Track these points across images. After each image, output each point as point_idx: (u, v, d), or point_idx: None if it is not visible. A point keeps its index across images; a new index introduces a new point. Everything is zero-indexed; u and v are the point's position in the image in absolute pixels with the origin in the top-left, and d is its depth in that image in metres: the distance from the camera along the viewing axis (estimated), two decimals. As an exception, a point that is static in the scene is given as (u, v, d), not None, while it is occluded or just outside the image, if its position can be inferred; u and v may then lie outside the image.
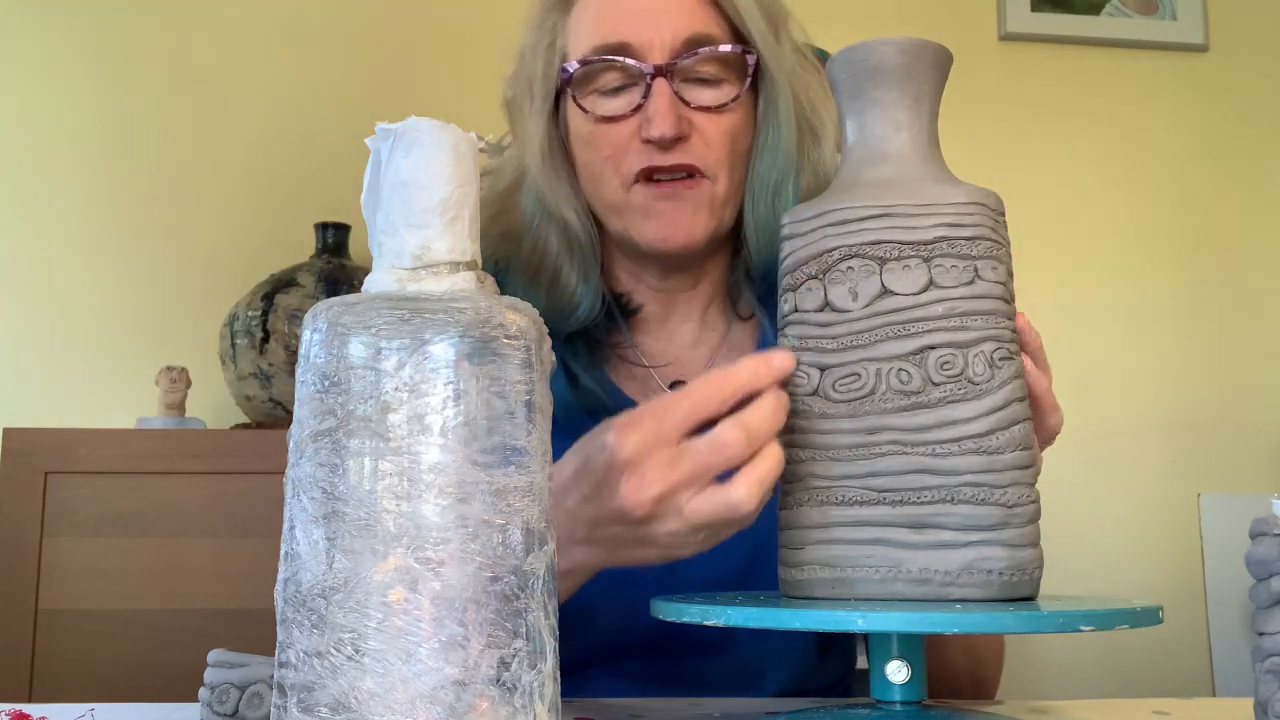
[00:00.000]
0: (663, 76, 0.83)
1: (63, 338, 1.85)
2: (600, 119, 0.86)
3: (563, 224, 0.90)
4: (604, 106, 0.86)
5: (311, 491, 0.41)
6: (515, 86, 0.94)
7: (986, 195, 0.60)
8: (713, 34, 0.85)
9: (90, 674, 1.37)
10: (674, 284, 0.94)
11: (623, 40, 0.84)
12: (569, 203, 0.90)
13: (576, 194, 0.91)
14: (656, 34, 0.84)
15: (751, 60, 0.86)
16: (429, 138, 0.44)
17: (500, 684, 0.40)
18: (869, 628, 0.51)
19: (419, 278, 0.44)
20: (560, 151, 0.91)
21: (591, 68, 0.85)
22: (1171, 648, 1.94)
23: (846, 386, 0.58)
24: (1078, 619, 0.51)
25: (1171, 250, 2.10)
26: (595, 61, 0.85)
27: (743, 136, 0.88)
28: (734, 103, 0.86)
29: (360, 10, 1.99)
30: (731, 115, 0.86)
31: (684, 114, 0.84)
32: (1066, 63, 2.11)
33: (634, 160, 0.85)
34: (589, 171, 0.88)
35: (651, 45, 0.84)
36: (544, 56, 0.90)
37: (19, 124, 1.90)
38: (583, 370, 0.89)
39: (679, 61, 0.84)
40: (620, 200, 0.86)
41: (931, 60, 0.62)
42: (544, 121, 0.90)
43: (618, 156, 0.85)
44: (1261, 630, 0.53)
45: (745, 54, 0.86)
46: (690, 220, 0.86)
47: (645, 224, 0.86)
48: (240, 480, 1.44)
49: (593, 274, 0.91)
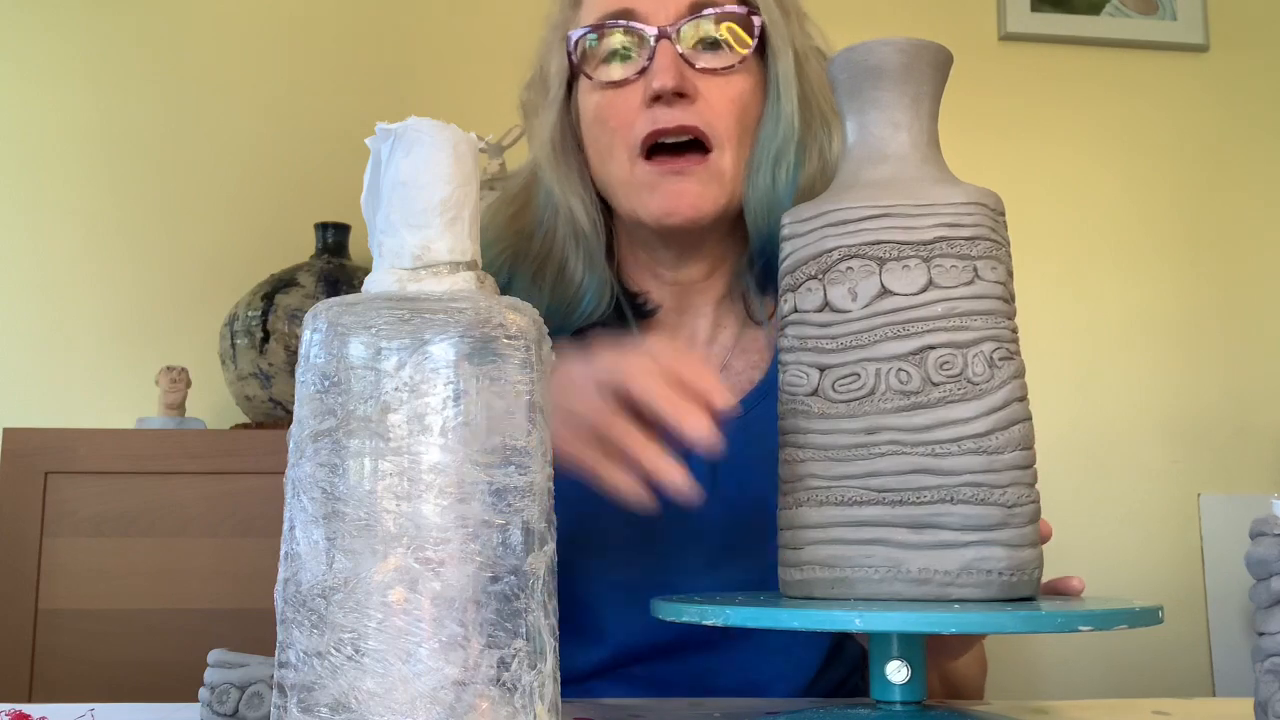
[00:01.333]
0: (666, 38, 0.84)
1: (63, 338, 1.85)
2: (607, 85, 0.86)
3: (569, 213, 0.90)
4: (610, 73, 0.87)
5: (311, 491, 0.41)
6: (531, 89, 0.95)
7: (986, 195, 0.60)
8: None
9: (90, 674, 1.37)
10: (687, 273, 0.93)
11: (627, 6, 0.85)
12: (576, 192, 0.90)
13: (585, 183, 0.91)
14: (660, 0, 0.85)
15: (758, 21, 0.86)
16: (429, 138, 0.44)
17: (500, 684, 0.40)
18: (867, 627, 0.51)
19: (419, 278, 0.44)
20: (571, 139, 0.91)
21: (598, 33, 0.86)
22: (1171, 648, 1.94)
23: (846, 386, 0.58)
24: (1076, 619, 0.51)
25: (1172, 250, 2.10)
26: (601, 26, 0.86)
27: (750, 108, 0.87)
28: (740, 65, 0.86)
29: (360, 10, 1.99)
30: (738, 81, 0.86)
31: (688, 74, 0.84)
32: (1066, 63, 2.11)
33: (640, 126, 0.85)
34: (598, 149, 0.89)
35: (655, 11, 0.85)
36: (558, 51, 0.91)
37: (19, 123, 1.90)
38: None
39: (683, 23, 0.84)
40: (627, 176, 0.86)
41: (931, 60, 0.62)
42: (556, 110, 0.91)
43: (625, 125, 0.86)
44: (1261, 630, 0.53)
45: (750, 15, 0.86)
46: (697, 193, 0.85)
47: (651, 198, 0.86)
48: (240, 480, 1.44)
49: (598, 264, 0.91)
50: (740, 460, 0.88)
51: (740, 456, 0.88)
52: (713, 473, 0.88)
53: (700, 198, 0.85)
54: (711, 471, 0.88)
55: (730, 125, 0.85)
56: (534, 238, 0.92)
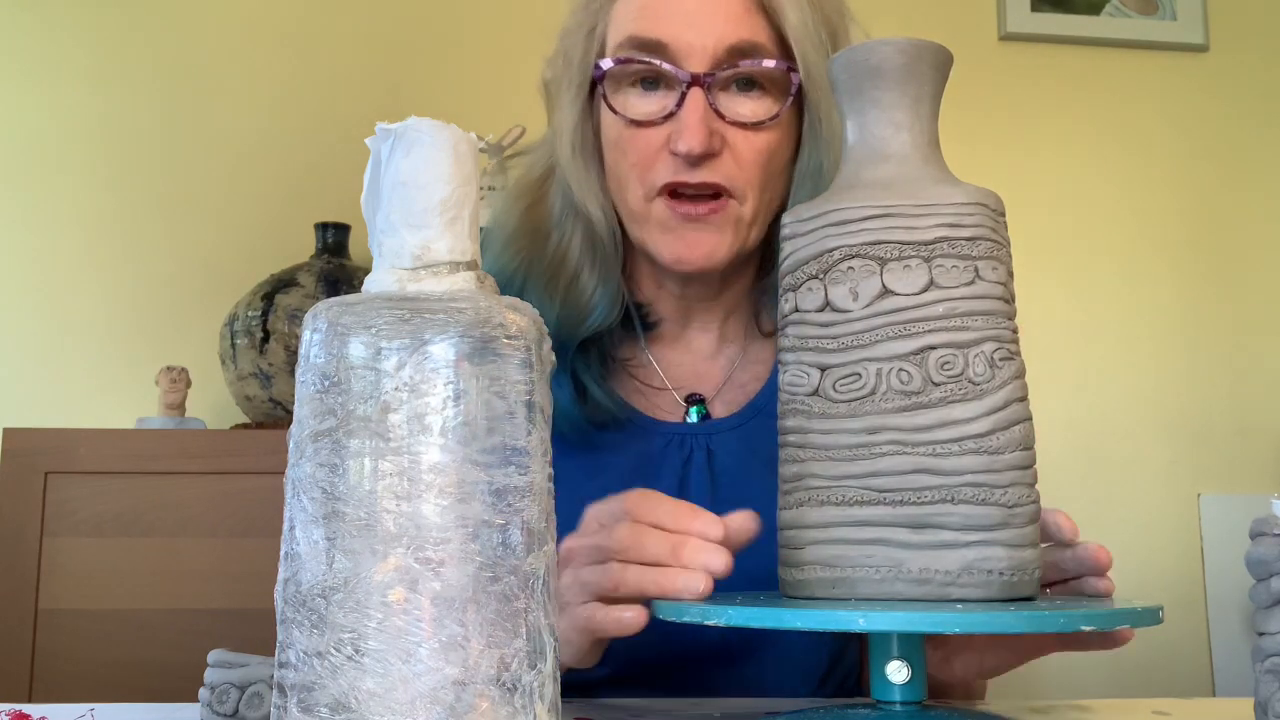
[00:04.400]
0: (699, 86, 0.78)
1: (63, 338, 1.85)
2: (630, 123, 0.82)
3: (588, 221, 0.87)
4: (635, 108, 0.82)
5: (311, 491, 0.41)
6: (554, 68, 0.90)
7: (987, 195, 0.60)
8: (759, 43, 0.80)
9: (90, 674, 1.37)
10: (695, 293, 0.91)
11: (661, 39, 0.80)
12: (595, 199, 0.86)
13: (604, 190, 0.87)
14: (698, 38, 0.79)
15: (796, 79, 0.81)
16: (429, 138, 0.44)
17: (500, 684, 0.40)
18: (869, 627, 0.51)
19: (419, 278, 0.44)
20: (592, 144, 0.87)
21: (625, 66, 0.81)
22: (1171, 648, 1.94)
23: (847, 386, 0.58)
24: (1079, 619, 0.51)
25: (1172, 250, 2.10)
26: (629, 61, 0.81)
27: (779, 154, 0.83)
28: (772, 120, 0.81)
29: (360, 10, 1.99)
30: (768, 134, 0.81)
31: (716, 128, 0.80)
32: (1066, 63, 2.11)
33: (660, 173, 0.81)
34: (615, 173, 0.85)
35: (691, 49, 0.79)
36: (583, 43, 0.86)
37: (19, 123, 1.90)
38: (593, 383, 0.86)
39: (718, 73, 0.79)
40: (641, 210, 0.83)
41: (931, 61, 0.62)
42: (577, 111, 0.86)
43: (644, 165, 0.82)
44: (1261, 630, 0.53)
45: (790, 71, 0.81)
46: (712, 243, 0.82)
47: (663, 240, 0.83)
48: (240, 480, 1.44)
49: (613, 277, 0.88)
50: (739, 470, 0.88)
51: (739, 467, 0.88)
52: (712, 482, 0.88)
53: (716, 246, 0.82)
54: (711, 481, 0.88)
55: (754, 176, 0.82)
56: (549, 238, 0.89)
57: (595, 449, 0.87)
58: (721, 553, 0.59)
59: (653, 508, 0.63)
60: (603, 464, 0.86)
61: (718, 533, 0.60)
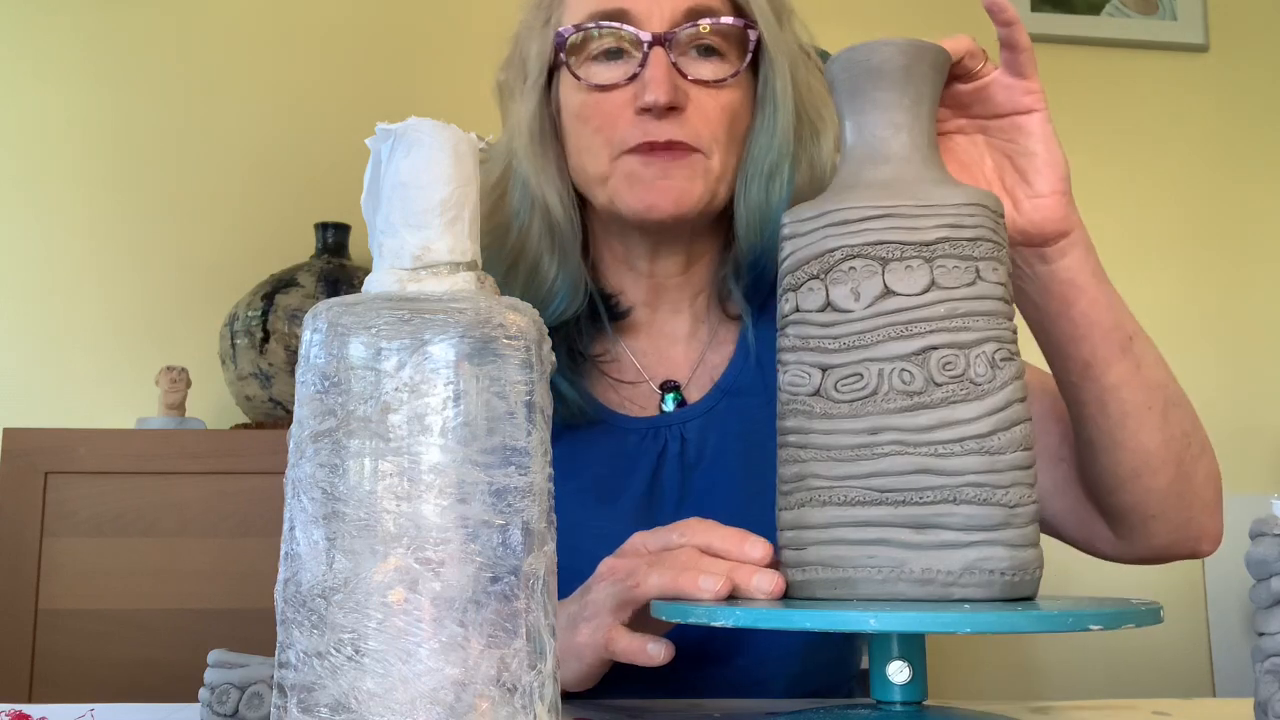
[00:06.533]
0: (660, 45, 0.82)
1: (63, 338, 1.85)
2: (594, 87, 0.84)
3: (545, 208, 0.88)
4: (599, 74, 0.84)
5: (311, 492, 0.41)
6: (508, 69, 0.92)
7: (986, 196, 0.60)
8: (713, 6, 0.84)
9: (90, 674, 1.37)
10: (664, 268, 0.91)
11: (621, 6, 0.83)
12: (553, 185, 0.88)
13: (563, 177, 0.88)
14: (655, 3, 0.83)
15: (753, 35, 0.85)
16: (429, 138, 0.44)
17: (500, 684, 0.40)
18: (882, 628, 0.50)
19: (419, 278, 0.44)
20: (550, 130, 0.89)
21: (588, 33, 0.84)
22: (1171, 648, 1.94)
23: (848, 387, 0.58)
24: (1087, 618, 0.51)
25: (1172, 250, 2.10)
26: (592, 26, 0.84)
27: (741, 117, 0.86)
28: (733, 78, 0.84)
29: (361, 11, 1.99)
30: (730, 92, 0.84)
31: (681, 85, 0.82)
32: (1066, 63, 2.11)
33: (626, 133, 0.83)
34: (578, 145, 0.86)
35: (650, 14, 0.83)
36: (539, 35, 0.88)
37: (20, 123, 1.90)
38: (563, 380, 0.86)
39: (678, 31, 0.82)
40: (607, 169, 0.84)
41: (932, 62, 0.62)
42: (535, 98, 0.88)
43: (609, 128, 0.83)
44: (1261, 630, 0.53)
45: (747, 28, 0.85)
46: (682, 189, 0.83)
47: (632, 192, 0.84)
48: (240, 480, 1.44)
49: (572, 261, 0.88)
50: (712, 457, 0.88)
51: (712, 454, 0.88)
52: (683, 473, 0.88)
53: (685, 193, 0.83)
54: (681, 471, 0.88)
55: (720, 133, 0.84)
56: (509, 232, 0.90)
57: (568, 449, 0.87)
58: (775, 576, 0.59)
59: (707, 532, 0.64)
60: (576, 466, 0.86)
61: (760, 554, 0.61)
